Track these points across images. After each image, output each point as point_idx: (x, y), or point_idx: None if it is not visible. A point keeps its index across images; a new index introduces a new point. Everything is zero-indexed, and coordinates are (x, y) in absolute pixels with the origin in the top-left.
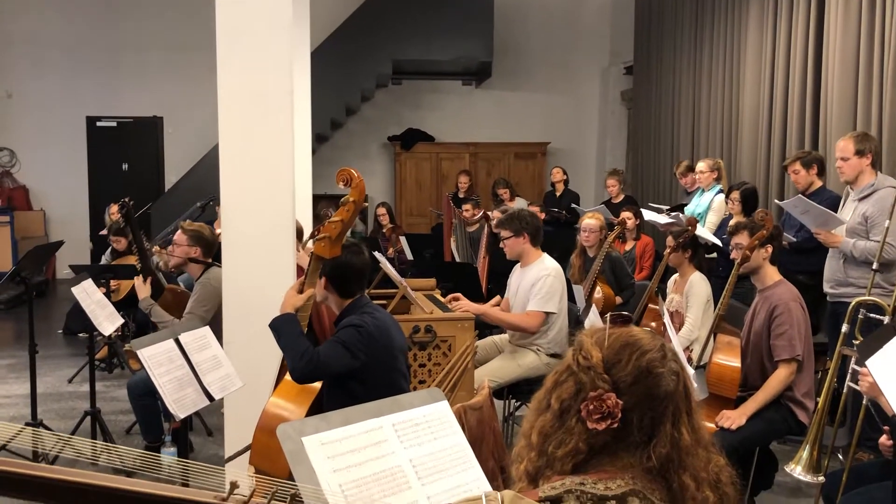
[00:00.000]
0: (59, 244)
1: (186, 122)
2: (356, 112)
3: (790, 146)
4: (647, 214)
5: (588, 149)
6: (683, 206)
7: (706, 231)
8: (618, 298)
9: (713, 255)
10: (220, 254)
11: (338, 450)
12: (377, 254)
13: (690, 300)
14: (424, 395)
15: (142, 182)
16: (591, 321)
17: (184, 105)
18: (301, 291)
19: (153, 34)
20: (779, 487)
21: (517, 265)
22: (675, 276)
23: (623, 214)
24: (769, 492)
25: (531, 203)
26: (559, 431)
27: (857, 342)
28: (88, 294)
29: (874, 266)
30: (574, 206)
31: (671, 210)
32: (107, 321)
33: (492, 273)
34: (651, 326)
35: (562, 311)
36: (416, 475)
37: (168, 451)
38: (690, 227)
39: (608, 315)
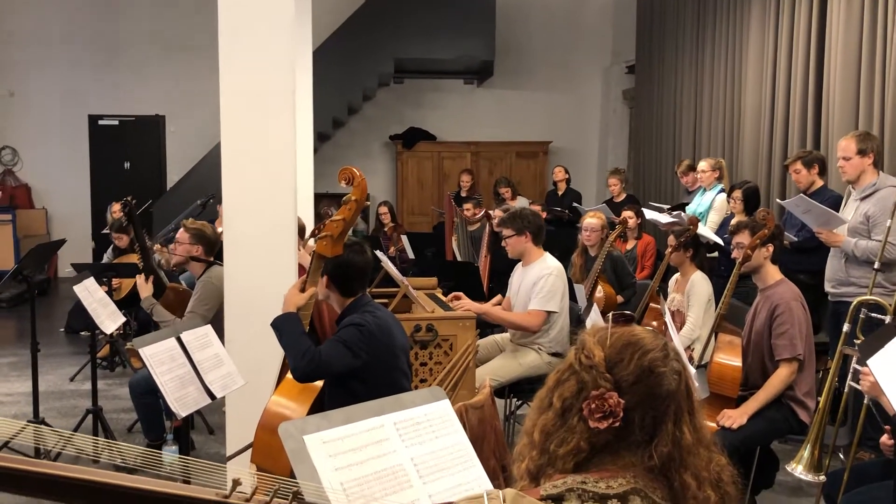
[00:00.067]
0: (61, 242)
1: (188, 121)
2: (358, 111)
3: (792, 145)
4: (649, 213)
5: (590, 148)
6: (685, 206)
7: (708, 230)
8: (619, 297)
9: (714, 255)
10: (222, 252)
11: (339, 448)
12: (379, 252)
13: (692, 299)
14: (426, 394)
15: (144, 181)
16: (593, 320)
17: (186, 104)
18: (303, 290)
19: (155, 33)
20: (780, 487)
21: (519, 264)
22: (677, 276)
23: (624, 213)
24: (770, 491)
25: (533, 202)
26: (561, 430)
27: (859, 342)
28: (90, 292)
29: (876, 266)
30: (576, 205)
31: (673, 209)
32: (108, 319)
33: (493, 272)
34: (652, 326)
35: (563, 311)
36: (418, 474)
37: (169, 450)
38: (692, 227)
39: (610, 314)
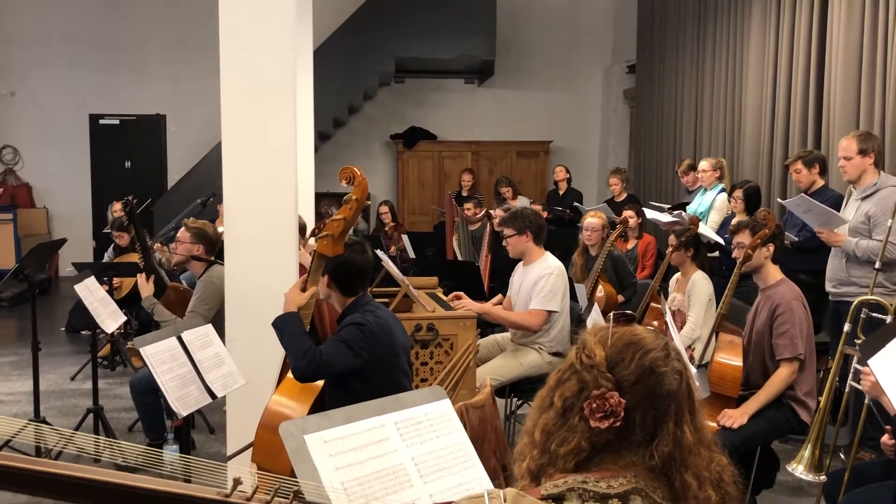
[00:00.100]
0: (62, 242)
1: (189, 120)
2: (359, 110)
3: (793, 145)
4: (650, 213)
5: (590, 147)
6: (686, 205)
7: (708, 230)
8: (620, 297)
9: (715, 254)
10: (223, 251)
11: (340, 448)
12: (379, 252)
13: (692, 299)
14: (426, 394)
15: (144, 180)
16: (594, 320)
17: (186, 103)
18: (304, 289)
19: (156, 32)
20: (780, 486)
21: (519, 263)
22: (677, 275)
23: (625, 213)
24: (771, 491)
25: (534, 201)
26: (562, 429)
27: (860, 341)
28: (91, 291)
29: (877, 265)
30: (576, 205)
31: (673, 209)
32: (109, 319)
33: (494, 271)
34: (653, 325)
35: (564, 310)
36: (418, 473)
37: (170, 449)
38: (693, 226)
39: (611, 314)
